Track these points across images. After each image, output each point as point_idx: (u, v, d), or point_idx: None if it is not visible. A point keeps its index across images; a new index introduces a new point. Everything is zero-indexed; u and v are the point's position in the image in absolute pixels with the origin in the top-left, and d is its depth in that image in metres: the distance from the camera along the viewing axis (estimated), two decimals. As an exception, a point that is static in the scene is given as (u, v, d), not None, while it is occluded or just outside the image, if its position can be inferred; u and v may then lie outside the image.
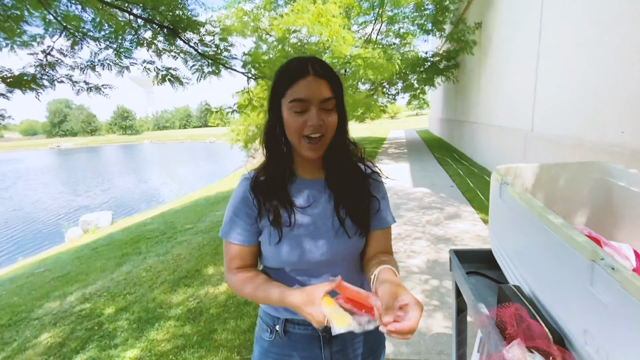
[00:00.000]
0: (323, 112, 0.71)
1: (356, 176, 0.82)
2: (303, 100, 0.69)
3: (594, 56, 3.50)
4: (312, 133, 0.71)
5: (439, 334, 2.06)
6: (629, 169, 1.19)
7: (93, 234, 7.02)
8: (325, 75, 0.71)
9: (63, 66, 2.77)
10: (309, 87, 0.69)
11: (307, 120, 0.70)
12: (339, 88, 0.74)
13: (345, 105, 0.79)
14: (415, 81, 11.57)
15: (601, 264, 0.62)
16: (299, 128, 0.71)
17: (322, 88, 0.70)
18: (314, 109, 0.70)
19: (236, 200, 0.79)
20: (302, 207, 0.79)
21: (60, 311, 2.75)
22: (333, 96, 0.72)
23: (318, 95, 0.70)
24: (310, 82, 0.69)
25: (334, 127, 0.74)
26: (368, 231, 0.83)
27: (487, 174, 6.53)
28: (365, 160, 0.87)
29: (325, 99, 0.71)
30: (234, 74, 3.84)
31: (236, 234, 0.79)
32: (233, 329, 2.26)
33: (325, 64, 0.74)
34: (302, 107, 0.70)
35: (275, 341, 0.84)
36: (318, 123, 0.70)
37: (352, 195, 0.81)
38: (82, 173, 22.68)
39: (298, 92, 0.69)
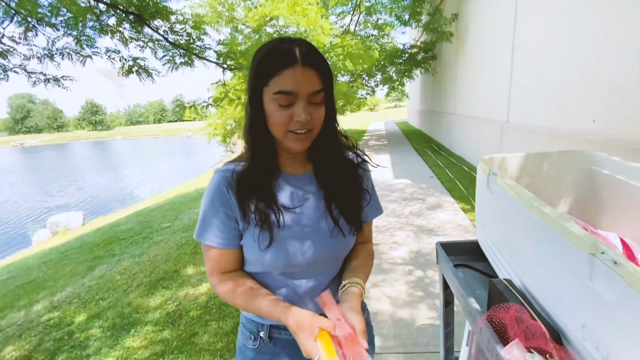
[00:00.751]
0: (311, 106, 0.64)
1: (347, 170, 0.76)
2: (290, 92, 0.61)
3: (566, 46, 3.58)
4: (298, 129, 0.64)
5: (425, 325, 2.06)
6: (613, 157, 1.19)
7: (63, 236, 6.64)
8: (315, 64, 0.63)
9: (16, 55, 2.51)
10: (296, 78, 0.61)
11: (293, 114, 0.62)
12: (329, 78, 0.66)
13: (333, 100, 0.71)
14: (393, 73, 11.60)
15: (602, 257, 0.59)
16: (284, 123, 0.63)
17: (312, 79, 0.62)
18: (301, 103, 0.62)
19: (211, 197, 0.70)
20: (291, 208, 0.71)
21: (26, 321, 2.56)
22: (323, 88, 0.64)
23: (306, 88, 0.62)
24: (297, 72, 0.61)
25: (322, 122, 0.67)
26: (361, 228, 0.78)
27: (465, 164, 6.67)
28: (355, 148, 0.81)
29: (315, 92, 0.63)
30: (208, 65, 3.64)
31: (213, 235, 0.70)
32: (215, 332, 2.17)
33: (314, 49, 0.65)
34: (288, 101, 0.62)
35: (260, 349, 0.78)
36: (305, 119, 0.62)
37: (345, 191, 0.74)
38: (49, 172, 21.44)
39: (284, 83, 0.61)
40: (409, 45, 11.30)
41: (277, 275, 0.74)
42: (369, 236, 0.89)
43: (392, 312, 2.21)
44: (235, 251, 0.73)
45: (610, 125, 2.94)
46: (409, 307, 2.25)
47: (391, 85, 12.67)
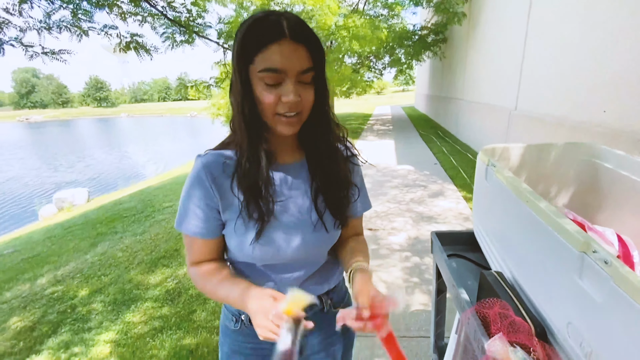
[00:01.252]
0: (300, 86, 0.59)
1: (337, 161, 0.72)
2: (277, 70, 0.57)
3: (581, 34, 3.44)
4: (287, 111, 0.60)
5: (418, 310, 2.09)
6: (616, 151, 1.16)
7: (68, 212, 6.75)
8: (304, 40, 0.58)
9: (11, 27, 2.45)
10: (284, 55, 0.56)
11: (280, 94, 0.58)
12: (319, 56, 0.61)
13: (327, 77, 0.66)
14: (402, 55, 11.30)
15: (593, 256, 0.58)
16: (271, 105, 0.59)
17: (301, 56, 0.57)
18: (290, 82, 0.58)
19: (190, 185, 0.66)
20: (279, 199, 0.68)
21: (30, 294, 2.63)
22: (312, 66, 0.59)
23: (295, 66, 0.57)
24: (285, 48, 0.56)
25: (311, 104, 0.63)
26: (346, 224, 0.76)
27: (471, 151, 6.59)
28: (345, 141, 0.76)
29: (304, 71, 0.58)
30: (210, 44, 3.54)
31: (193, 225, 0.67)
32: (212, 310, 2.22)
33: (303, 23, 0.59)
34: (276, 80, 0.58)
35: (241, 330, 0.78)
36: (295, 100, 0.58)
37: (332, 184, 0.71)
38: (55, 148, 21.60)
39: (271, 60, 0.56)
40: (419, 27, 10.95)
41: (260, 267, 0.73)
42: (360, 229, 0.87)
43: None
44: (215, 241, 0.71)
45: (621, 117, 2.86)
46: (404, 293, 2.27)
47: (399, 68, 12.38)
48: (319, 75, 0.63)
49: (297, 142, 0.72)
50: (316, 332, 0.81)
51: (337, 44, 7.64)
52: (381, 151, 7.22)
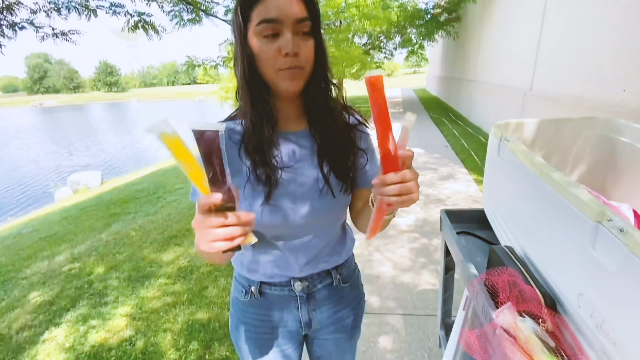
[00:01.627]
0: (298, 38, 0.58)
1: (340, 125, 0.71)
2: (273, 20, 0.56)
3: (599, 9, 3.27)
4: (289, 66, 0.58)
5: (426, 290, 2.10)
6: (635, 124, 1.11)
7: (83, 194, 6.93)
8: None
9: (22, 9, 2.45)
10: (279, 4, 0.56)
11: (280, 47, 0.57)
12: (314, 7, 0.60)
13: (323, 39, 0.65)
14: (413, 35, 10.95)
15: (608, 225, 0.56)
16: (272, 58, 0.58)
17: (296, 5, 0.57)
18: (287, 32, 0.57)
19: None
20: (284, 167, 0.68)
21: (49, 271, 2.74)
22: (309, 17, 0.58)
23: (291, 14, 0.56)
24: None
25: (312, 58, 0.61)
26: (354, 189, 0.74)
27: (482, 134, 6.44)
28: (350, 109, 0.75)
29: (300, 19, 0.57)
30: (217, 23, 3.49)
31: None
32: (224, 287, 2.28)
33: None
34: (273, 30, 0.57)
35: (251, 302, 0.80)
36: (294, 50, 0.57)
37: (337, 148, 0.70)
38: (69, 132, 21.98)
39: (266, 11, 0.56)
40: (432, 5, 10.55)
41: (266, 235, 0.73)
42: None
43: (394, 276, 2.25)
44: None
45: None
46: (411, 272, 2.29)
47: (411, 48, 12.03)
48: (316, 30, 0.61)
49: (303, 110, 0.71)
50: (325, 306, 0.82)
51: (347, 23, 7.44)
52: (391, 134, 7.11)
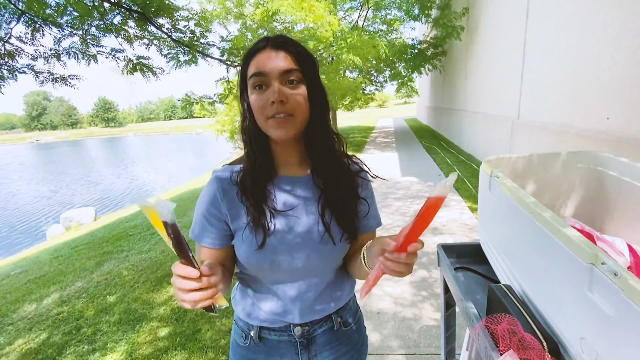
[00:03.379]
0: (287, 87, 0.63)
1: (343, 174, 0.73)
2: (261, 73, 0.62)
3: (580, 40, 3.47)
4: (276, 113, 0.62)
5: (428, 326, 2.04)
6: (620, 158, 1.15)
7: (75, 231, 6.80)
8: (286, 46, 0.64)
9: (24, 55, 2.55)
10: (266, 59, 0.62)
11: (268, 97, 0.62)
12: (305, 60, 0.65)
13: (324, 88, 0.70)
14: (402, 69, 11.45)
15: (602, 268, 0.56)
16: (261, 108, 0.63)
17: (283, 59, 0.63)
18: (275, 82, 0.62)
19: (205, 199, 0.71)
20: (283, 210, 0.70)
21: (36, 315, 2.62)
22: (297, 68, 0.63)
23: (276, 67, 0.62)
24: (267, 53, 0.63)
25: (303, 103, 0.64)
26: (355, 237, 0.75)
27: (474, 161, 6.56)
28: (352, 157, 0.78)
29: (286, 70, 0.62)
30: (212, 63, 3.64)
31: (201, 234, 0.72)
32: (218, 329, 2.19)
33: (288, 37, 0.67)
34: (262, 82, 0.62)
35: (250, 346, 0.78)
36: (279, 98, 0.61)
37: (340, 196, 0.72)
38: (64, 168, 21.96)
39: (256, 66, 0.63)
40: (418, 41, 11.12)
41: (266, 280, 0.73)
42: None
43: (394, 312, 2.19)
44: (220, 251, 0.73)
45: (625, 123, 2.84)
46: (412, 307, 2.23)
47: (400, 81, 12.53)
48: (309, 79, 0.65)
49: (305, 156, 0.74)
50: (326, 351, 0.80)
51: (336, 58, 7.78)
52: (385, 163, 7.22)
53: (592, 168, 1.19)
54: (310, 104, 0.66)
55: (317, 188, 0.72)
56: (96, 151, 35.08)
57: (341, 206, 0.72)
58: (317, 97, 0.67)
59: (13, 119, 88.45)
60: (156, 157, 24.76)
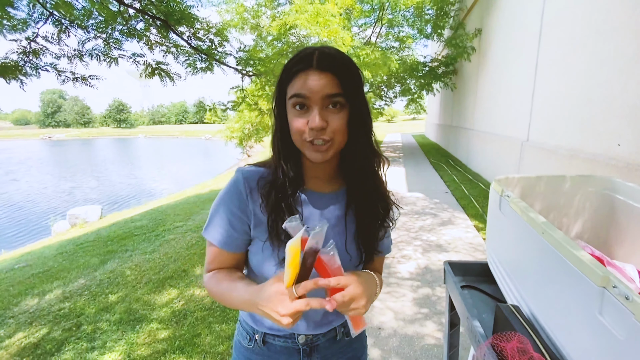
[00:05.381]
0: (328, 112, 0.60)
1: (380, 197, 0.72)
2: (301, 95, 0.59)
3: (591, 66, 3.49)
4: (315, 138, 0.60)
5: (430, 345, 2.01)
6: (630, 183, 1.15)
7: (81, 229, 6.86)
8: (332, 68, 0.59)
9: (48, 54, 2.65)
10: (309, 82, 0.59)
11: (308, 120, 0.60)
12: (351, 82, 0.61)
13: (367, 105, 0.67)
14: (413, 86, 11.56)
15: (613, 292, 0.56)
16: (300, 131, 0.61)
17: (327, 82, 0.59)
18: (316, 107, 0.59)
19: (227, 195, 0.68)
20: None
21: (38, 309, 2.64)
22: (341, 92, 0.60)
23: (320, 91, 0.58)
24: (311, 75, 0.59)
25: (343, 129, 0.62)
26: (372, 258, 0.75)
27: (482, 181, 6.53)
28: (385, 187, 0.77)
29: (330, 95, 0.59)
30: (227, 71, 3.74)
31: (218, 234, 0.69)
32: (217, 334, 2.18)
33: (336, 54, 0.62)
34: (302, 104, 0.60)
35: (254, 349, 0.78)
36: (320, 125, 0.58)
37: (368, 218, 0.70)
38: (74, 165, 22.31)
39: (297, 87, 0.60)
40: (430, 59, 11.26)
41: None
42: (380, 268, 0.85)
43: (396, 329, 2.16)
44: (235, 254, 0.71)
45: (635, 150, 2.83)
46: (414, 325, 2.20)
47: (410, 97, 12.62)
48: (352, 102, 0.62)
49: (338, 172, 0.73)
50: (329, 358, 0.81)
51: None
52: (391, 178, 7.22)
53: (602, 192, 1.19)
54: (350, 126, 0.63)
55: (346, 206, 0.71)
56: (106, 150, 35.61)
57: (367, 228, 0.71)
58: (359, 117, 0.64)
59: (28, 115, 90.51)
60: (165, 159, 25.04)
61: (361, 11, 9.95)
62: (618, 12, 3.11)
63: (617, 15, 3.11)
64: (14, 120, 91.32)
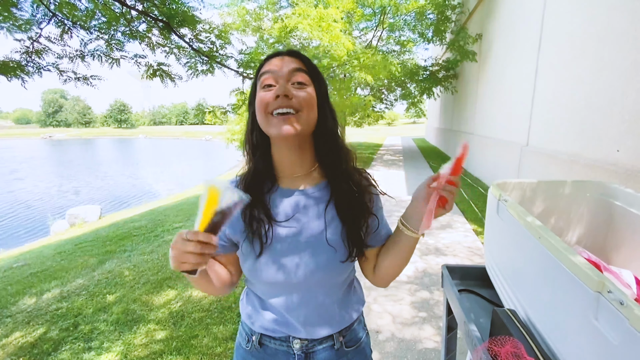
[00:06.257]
0: (294, 87, 0.65)
1: (354, 187, 0.74)
2: (270, 71, 0.65)
3: (591, 72, 3.50)
4: (279, 107, 0.62)
5: (427, 349, 2.00)
6: (627, 189, 1.15)
7: (79, 228, 6.85)
8: (296, 54, 0.68)
9: (50, 54, 2.67)
10: (275, 61, 0.66)
11: (274, 92, 0.64)
12: (315, 69, 0.69)
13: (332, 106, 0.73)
14: (414, 89, 11.59)
15: (608, 297, 0.57)
16: (265, 101, 0.63)
17: (292, 61, 0.66)
18: (282, 80, 0.64)
19: None
20: (284, 221, 0.70)
21: (35, 309, 2.63)
22: (304, 69, 0.67)
23: (285, 66, 0.65)
24: (278, 58, 0.67)
25: (310, 101, 0.66)
26: (362, 252, 0.75)
27: (481, 185, 6.53)
28: (362, 171, 0.78)
29: (295, 69, 0.65)
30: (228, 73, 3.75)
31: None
32: (215, 336, 2.17)
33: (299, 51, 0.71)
34: (270, 80, 0.64)
35: (251, 351, 0.79)
36: (284, 92, 0.62)
37: (350, 209, 0.72)
38: (74, 164, 22.32)
39: (267, 66, 0.66)
40: (431, 63, 11.29)
41: (269, 290, 0.74)
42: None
43: (394, 332, 2.15)
44: (228, 256, 0.76)
45: (635, 156, 2.84)
46: (412, 328, 2.19)
47: (410, 101, 12.66)
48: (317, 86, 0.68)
49: (316, 167, 0.75)
50: None
51: (349, 76, 7.93)
52: (391, 181, 7.22)
53: (600, 198, 1.19)
54: (318, 107, 0.68)
55: (326, 200, 0.72)
56: (106, 150, 35.63)
57: (350, 220, 0.71)
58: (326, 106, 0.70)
59: (29, 114, 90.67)
60: (165, 160, 25.06)
61: (362, 15, 10.00)
62: (618, 18, 3.12)
63: (618, 21, 3.13)
64: (15, 119, 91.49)
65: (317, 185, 0.74)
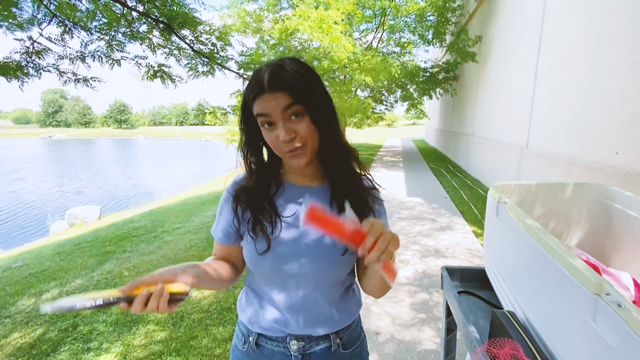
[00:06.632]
0: (292, 122, 0.66)
1: (357, 187, 0.77)
2: (264, 114, 0.66)
3: (591, 74, 3.51)
4: (287, 149, 0.67)
5: (427, 350, 2.00)
6: (627, 192, 1.16)
7: (79, 229, 6.84)
8: (281, 86, 0.64)
9: (50, 55, 2.67)
10: (267, 103, 0.65)
11: (278, 135, 0.66)
12: (304, 88, 0.66)
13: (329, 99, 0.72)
14: (414, 91, 11.61)
15: (606, 299, 0.57)
16: (275, 145, 0.69)
17: (280, 99, 0.64)
18: (279, 122, 0.66)
19: (222, 199, 0.80)
20: (289, 216, 0.73)
21: (34, 309, 2.63)
22: (294, 102, 0.65)
23: (277, 107, 0.64)
24: (265, 98, 0.65)
25: (311, 132, 0.67)
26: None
27: (481, 187, 6.54)
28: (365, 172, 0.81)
29: (286, 107, 0.64)
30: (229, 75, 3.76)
31: (219, 232, 0.80)
32: (214, 337, 2.17)
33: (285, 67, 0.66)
34: (268, 121, 0.66)
35: (248, 352, 0.79)
36: (286, 137, 0.65)
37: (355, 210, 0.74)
38: (73, 165, 22.31)
39: (258, 109, 0.67)
40: (431, 65, 11.31)
41: (270, 286, 0.75)
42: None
43: (393, 333, 2.16)
44: (229, 246, 0.80)
45: (634, 159, 2.84)
46: (411, 330, 2.19)
47: (411, 102, 12.67)
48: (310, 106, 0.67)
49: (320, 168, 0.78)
50: None
51: (349, 78, 7.94)
52: (391, 182, 7.23)
53: (599, 200, 1.20)
54: (318, 126, 0.69)
55: (330, 198, 0.75)
56: (106, 150, 35.61)
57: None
58: (324, 116, 0.69)
59: (29, 114, 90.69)
60: (165, 160, 25.05)
61: (363, 16, 10.02)
62: (618, 20, 3.14)
63: (617, 23, 3.14)
64: (15, 119, 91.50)
65: (323, 185, 0.78)
